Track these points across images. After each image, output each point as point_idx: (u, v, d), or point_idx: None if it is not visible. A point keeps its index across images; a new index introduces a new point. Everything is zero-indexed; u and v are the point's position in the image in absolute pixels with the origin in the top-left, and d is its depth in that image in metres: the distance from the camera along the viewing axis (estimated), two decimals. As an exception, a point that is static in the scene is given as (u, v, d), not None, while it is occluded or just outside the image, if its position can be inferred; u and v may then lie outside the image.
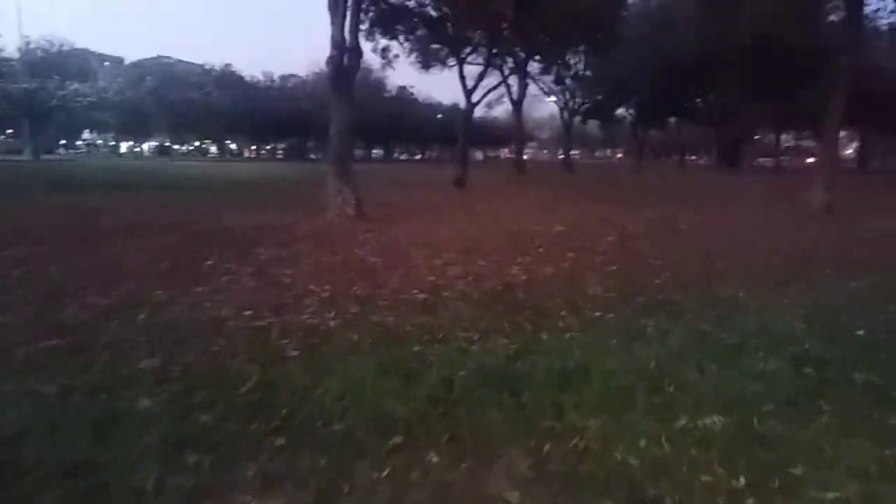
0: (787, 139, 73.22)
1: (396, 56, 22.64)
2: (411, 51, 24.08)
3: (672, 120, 57.99)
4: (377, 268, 6.90)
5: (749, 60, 27.37)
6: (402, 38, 21.92)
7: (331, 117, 11.51)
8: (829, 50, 28.62)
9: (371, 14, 20.05)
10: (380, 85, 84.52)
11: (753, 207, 15.37)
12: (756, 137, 65.38)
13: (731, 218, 13.02)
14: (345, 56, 11.12)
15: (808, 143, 79.74)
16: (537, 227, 10.69)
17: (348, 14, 11.21)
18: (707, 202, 17.09)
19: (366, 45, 22.06)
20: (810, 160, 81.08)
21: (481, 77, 22.99)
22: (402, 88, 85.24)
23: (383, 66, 22.96)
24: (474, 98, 22.89)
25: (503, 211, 13.58)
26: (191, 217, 11.29)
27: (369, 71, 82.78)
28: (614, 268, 7.11)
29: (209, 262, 6.94)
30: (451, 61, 26.92)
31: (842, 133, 55.96)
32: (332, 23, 10.97)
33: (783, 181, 30.91)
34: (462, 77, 22.09)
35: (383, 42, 21.56)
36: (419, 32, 21.91)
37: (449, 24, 21.25)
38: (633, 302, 5.47)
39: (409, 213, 12.71)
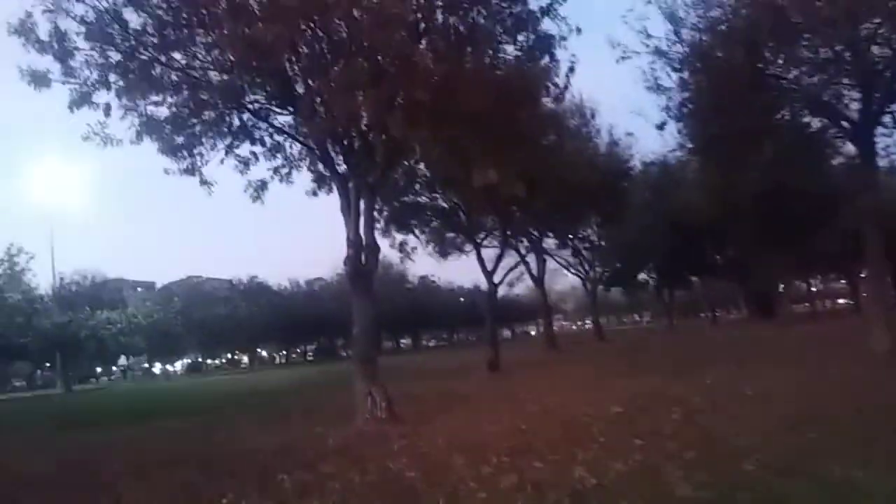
0: (815, 283, 72.25)
1: (414, 249, 23.16)
2: (428, 242, 24.67)
3: (694, 279, 57.89)
4: (416, 486, 5.90)
5: (759, 211, 27.49)
6: (417, 231, 22.55)
7: (353, 316, 11.11)
8: (843, 191, 29.16)
9: (385, 213, 20.77)
10: (402, 277, 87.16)
11: (813, 359, 14.13)
12: (781, 286, 64.70)
13: (796, 374, 11.83)
14: (362, 254, 11.01)
15: (836, 285, 78.88)
16: (589, 409, 9.64)
17: (362, 215, 11.28)
18: (760, 359, 15.89)
19: (383, 242, 22.68)
20: (842, 301, 79.72)
21: (499, 259, 23.16)
22: (424, 278, 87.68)
23: (402, 260, 23.36)
24: (495, 279, 22.85)
25: (547, 394, 12.54)
26: (211, 442, 10.46)
27: (390, 265, 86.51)
28: (693, 454, 6.04)
29: (225, 501, 6.02)
30: (468, 247, 27.51)
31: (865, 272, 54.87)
32: (347, 224, 11.03)
33: (826, 327, 29.49)
34: (481, 260, 22.32)
35: (400, 237, 22.13)
36: (434, 224, 22.58)
37: (462, 213, 21.89)
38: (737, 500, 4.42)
39: (447, 408, 11.76)
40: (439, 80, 9.32)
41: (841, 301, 78.30)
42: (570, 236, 33.73)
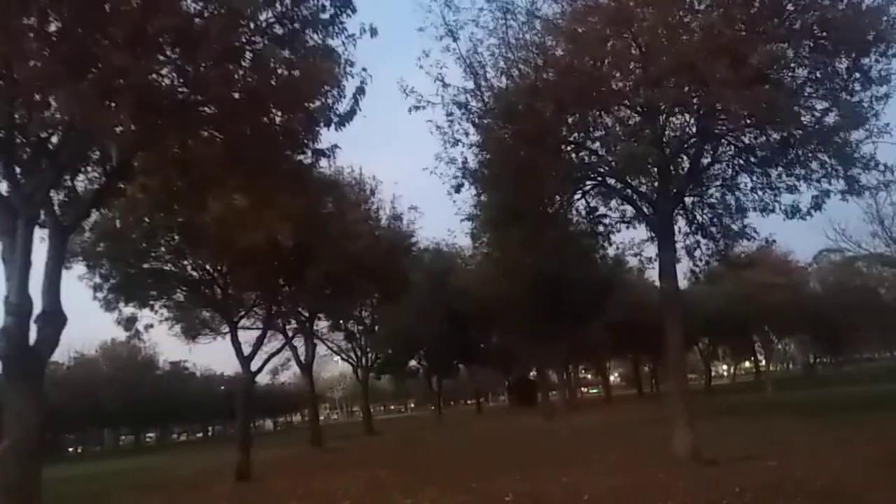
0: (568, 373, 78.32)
1: (150, 326, 18.37)
2: (170, 320, 19.99)
3: (461, 367, 58.43)
4: None
5: (534, 299, 27.82)
6: (158, 304, 17.96)
7: (4, 424, 6.94)
8: (605, 287, 31.18)
9: (113, 280, 16.12)
10: (150, 362, 75.93)
11: (613, 461, 12.94)
12: (538, 374, 68.76)
13: (608, 482, 10.29)
14: (29, 326, 7.07)
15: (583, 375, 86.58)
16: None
17: (41, 266, 7.41)
18: (559, 462, 14.44)
19: (107, 316, 17.71)
20: (591, 391, 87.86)
21: (260, 341, 19.27)
22: (175, 363, 77.05)
23: (129, 340, 18.27)
24: (255, 365, 18.96)
25: None
26: None
27: (137, 349, 74.79)
28: None
29: None
30: (225, 328, 23.32)
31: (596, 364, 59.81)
32: (7, 276, 7.04)
33: (596, 417, 30.31)
34: (237, 343, 18.27)
35: (128, 311, 17.29)
36: (179, 298, 18.22)
37: (217, 287, 18.00)
38: None
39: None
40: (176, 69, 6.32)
41: (586, 390, 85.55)
42: (343, 319, 30.97)
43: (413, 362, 53.03)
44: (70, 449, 77.20)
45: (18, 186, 7.18)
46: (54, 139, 7.52)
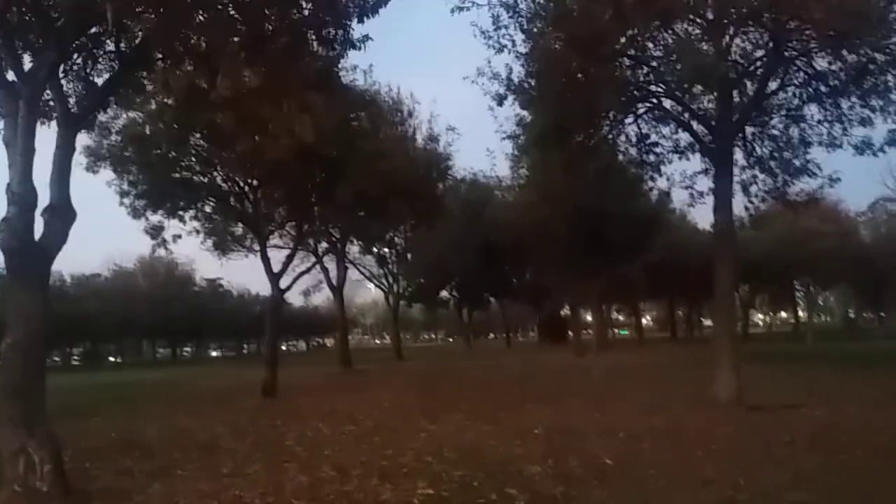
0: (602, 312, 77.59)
1: (178, 237, 18.09)
2: (202, 233, 19.71)
3: (492, 300, 58.22)
4: None
5: (572, 233, 26.73)
6: (188, 216, 17.64)
7: (7, 322, 6.56)
8: (648, 224, 29.90)
9: (142, 187, 15.72)
10: (188, 279, 77.91)
11: (651, 400, 12.36)
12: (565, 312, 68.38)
13: (647, 422, 9.72)
14: (35, 217, 6.58)
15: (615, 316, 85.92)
16: (382, 484, 6.34)
17: (47, 155, 6.86)
18: (578, 396, 13.95)
19: (135, 223, 17.47)
20: (621, 332, 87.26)
21: (290, 259, 18.89)
22: (212, 281, 78.91)
23: (154, 249, 18.03)
24: (285, 283, 18.70)
25: (326, 442, 9.05)
26: None
27: (175, 264, 76.65)
28: None
29: None
30: (256, 245, 23.20)
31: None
32: (10, 162, 6.50)
33: (631, 357, 29.77)
34: (266, 259, 17.99)
35: (155, 219, 16.99)
36: (209, 210, 17.82)
37: (247, 200, 17.53)
38: None
39: (174, 466, 7.65)
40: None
41: (616, 331, 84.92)
42: (375, 243, 30.48)
43: (444, 293, 53.02)
44: (110, 359, 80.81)
45: (20, 63, 6.55)
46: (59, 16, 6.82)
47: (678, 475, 6.33)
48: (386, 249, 37.12)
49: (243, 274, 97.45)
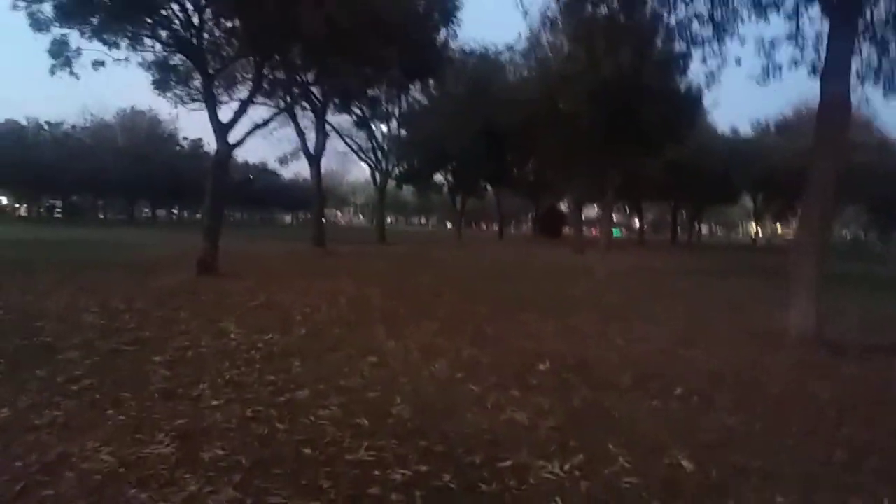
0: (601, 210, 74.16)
1: (100, 64, 13.93)
2: (131, 62, 15.41)
3: (489, 188, 54.41)
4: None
5: (591, 118, 22.49)
6: (106, 35, 13.42)
7: None
8: (682, 110, 25.55)
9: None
10: (169, 138, 73.51)
11: (694, 332, 9.19)
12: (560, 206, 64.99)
13: (705, 361, 6.61)
14: None
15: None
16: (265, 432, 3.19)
17: None
18: (587, 309, 10.83)
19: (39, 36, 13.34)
20: (616, 232, 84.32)
21: (243, 108, 15.01)
22: (196, 142, 74.14)
23: (52, 70, 13.78)
24: (236, 137, 14.90)
25: (237, 356, 5.89)
26: None
27: (157, 121, 71.58)
28: None
29: None
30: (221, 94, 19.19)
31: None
32: None
33: (630, 258, 26.71)
34: (212, 105, 14.08)
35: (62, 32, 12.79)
36: (132, 28, 13.58)
37: (190, 24, 13.37)
38: None
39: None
40: None
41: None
42: (360, 107, 26.10)
43: (439, 176, 48.91)
44: (100, 216, 78.66)
45: None
46: None
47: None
48: (374, 119, 32.96)
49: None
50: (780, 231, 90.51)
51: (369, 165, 38.55)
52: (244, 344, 6.60)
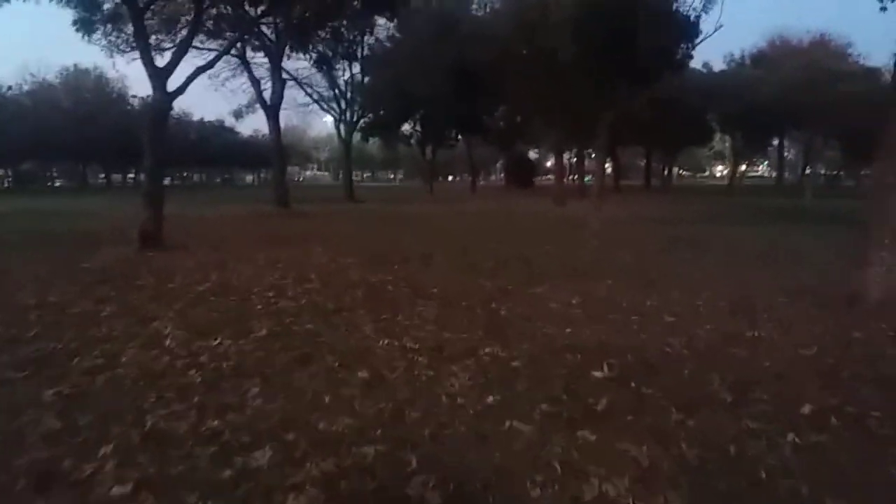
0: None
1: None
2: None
3: (459, 138, 51.81)
4: None
5: (577, 37, 20.03)
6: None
7: None
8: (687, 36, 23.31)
9: None
10: (118, 98, 68.66)
11: (751, 298, 7.62)
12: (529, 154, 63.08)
13: (784, 350, 5.01)
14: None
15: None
16: None
17: None
18: (612, 265, 9.20)
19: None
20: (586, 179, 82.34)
21: (182, 50, 12.67)
22: (145, 100, 69.29)
23: None
24: (178, 84, 12.60)
25: (163, 382, 4.06)
26: None
27: (105, 80, 66.69)
28: None
29: None
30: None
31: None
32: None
33: (617, 207, 25.16)
34: (143, 46, 11.81)
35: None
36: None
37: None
38: None
39: None
40: None
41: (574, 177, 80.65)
42: (318, 38, 23.20)
43: (407, 127, 46.25)
44: (57, 184, 74.86)
45: None
46: None
47: None
48: (339, 66, 30.32)
49: (186, 97, 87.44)
50: (744, 171, 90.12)
51: (333, 117, 35.95)
52: (182, 357, 4.77)
